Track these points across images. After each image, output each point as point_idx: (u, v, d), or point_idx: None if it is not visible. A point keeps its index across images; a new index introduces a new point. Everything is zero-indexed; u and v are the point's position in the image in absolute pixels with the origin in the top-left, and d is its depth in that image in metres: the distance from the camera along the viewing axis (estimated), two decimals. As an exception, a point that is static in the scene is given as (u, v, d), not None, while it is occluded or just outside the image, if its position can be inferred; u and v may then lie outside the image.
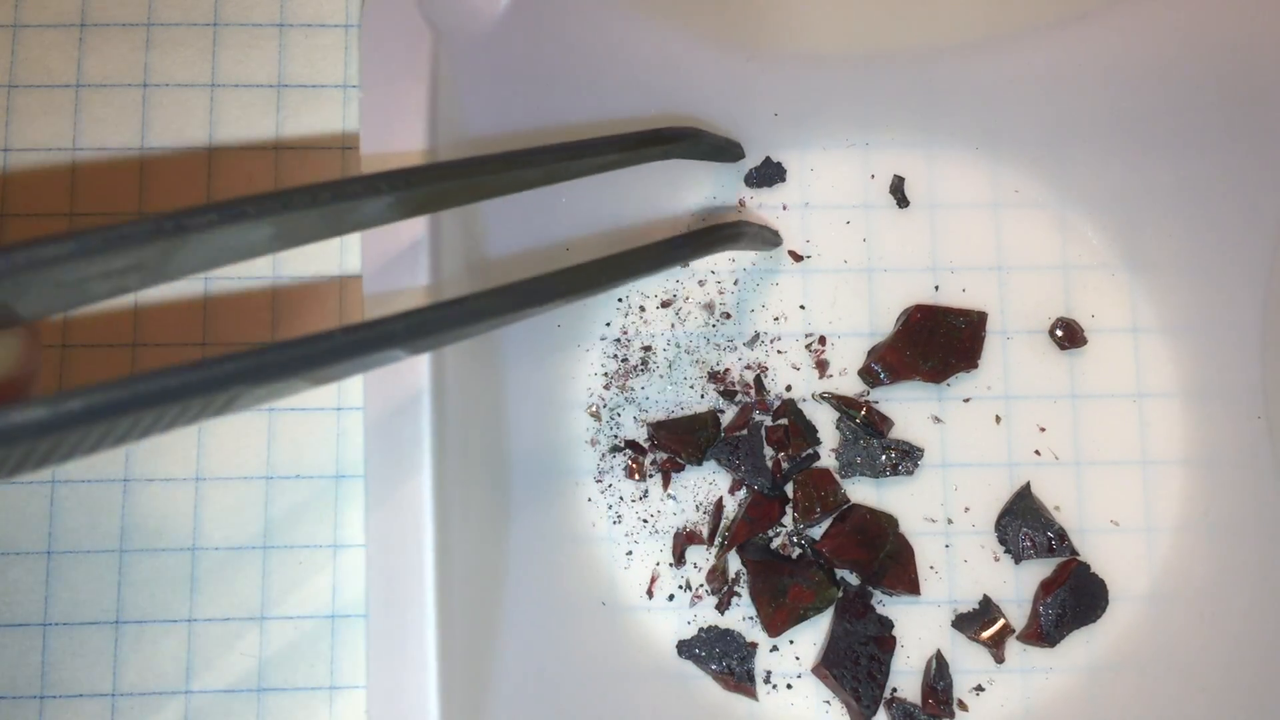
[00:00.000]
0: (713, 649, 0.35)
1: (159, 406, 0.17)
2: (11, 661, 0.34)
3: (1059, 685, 0.35)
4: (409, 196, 0.23)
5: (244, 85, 0.37)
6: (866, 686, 0.34)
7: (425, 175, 0.23)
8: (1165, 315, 0.37)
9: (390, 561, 0.26)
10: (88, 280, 0.18)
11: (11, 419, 0.15)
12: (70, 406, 0.16)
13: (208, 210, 0.18)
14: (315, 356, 0.20)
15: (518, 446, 0.35)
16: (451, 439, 0.28)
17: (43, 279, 0.17)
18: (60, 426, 0.16)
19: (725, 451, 0.35)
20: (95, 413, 0.16)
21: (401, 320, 0.21)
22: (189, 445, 0.35)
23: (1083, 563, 0.35)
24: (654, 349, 0.37)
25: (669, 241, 0.29)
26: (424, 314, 0.22)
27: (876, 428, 0.36)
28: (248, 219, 0.19)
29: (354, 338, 0.20)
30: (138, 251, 0.18)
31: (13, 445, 0.16)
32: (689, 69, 0.36)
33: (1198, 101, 0.34)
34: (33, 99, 0.37)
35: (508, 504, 0.35)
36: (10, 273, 0.16)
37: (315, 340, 0.20)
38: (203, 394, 0.18)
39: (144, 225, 0.18)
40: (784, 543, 0.35)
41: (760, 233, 0.35)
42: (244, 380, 0.18)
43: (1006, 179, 0.38)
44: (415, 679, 0.26)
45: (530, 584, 0.34)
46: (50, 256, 0.17)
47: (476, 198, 0.25)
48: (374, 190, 0.22)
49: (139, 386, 0.17)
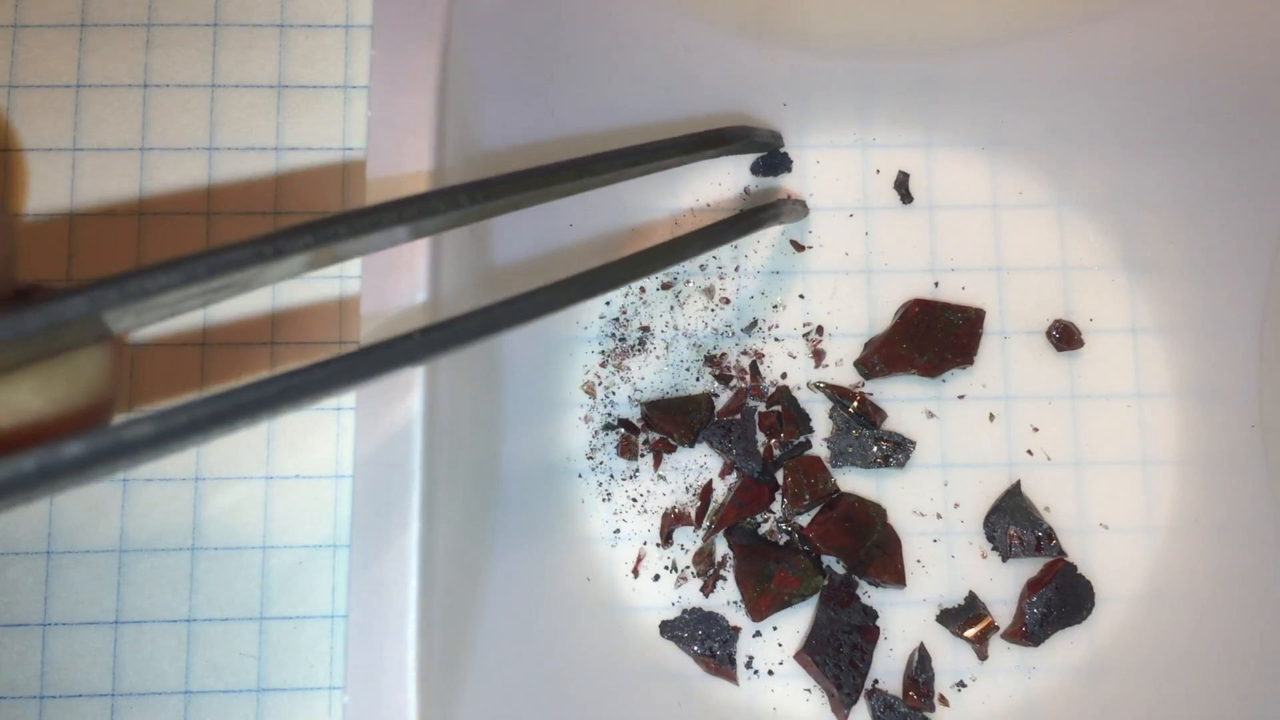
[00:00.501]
0: (695, 631, 0.35)
1: (238, 420, 0.18)
2: (11, 662, 0.34)
3: (1043, 685, 0.35)
4: (485, 208, 0.23)
5: (244, 86, 0.37)
6: (848, 675, 0.34)
7: (503, 187, 0.23)
8: (1163, 317, 0.37)
9: (377, 517, 0.27)
10: (184, 300, 0.18)
11: (124, 436, 0.16)
12: (176, 422, 0.17)
13: (304, 233, 0.19)
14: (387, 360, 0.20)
15: (510, 420, 0.36)
16: (442, 407, 0.28)
17: (147, 306, 0.18)
18: (167, 441, 0.17)
19: (718, 435, 0.35)
20: (195, 426, 0.17)
21: (469, 318, 0.22)
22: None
23: (1069, 563, 0.35)
24: (652, 330, 0.37)
25: (716, 226, 0.31)
26: (493, 310, 0.23)
27: (870, 419, 0.36)
28: (339, 240, 0.20)
29: (379, 355, 0.21)
30: (235, 275, 0.18)
31: (130, 460, 0.16)
32: (700, 57, 0.36)
33: (1200, 104, 0.34)
34: (33, 99, 0.37)
35: (498, 474, 0.35)
36: (119, 302, 0.17)
37: (395, 342, 0.20)
38: (269, 409, 0.18)
39: (247, 251, 0.18)
40: (772, 529, 0.36)
41: (796, 208, 0.36)
42: (289, 398, 0.19)
43: (1008, 179, 0.38)
44: (396, 626, 0.26)
45: (516, 556, 0.34)
46: (159, 286, 0.17)
47: (545, 200, 0.26)
48: (454, 203, 0.22)
49: (234, 399, 0.18)
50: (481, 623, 0.32)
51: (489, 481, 0.34)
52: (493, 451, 0.35)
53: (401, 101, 0.29)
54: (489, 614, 0.32)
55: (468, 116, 0.32)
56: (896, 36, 0.36)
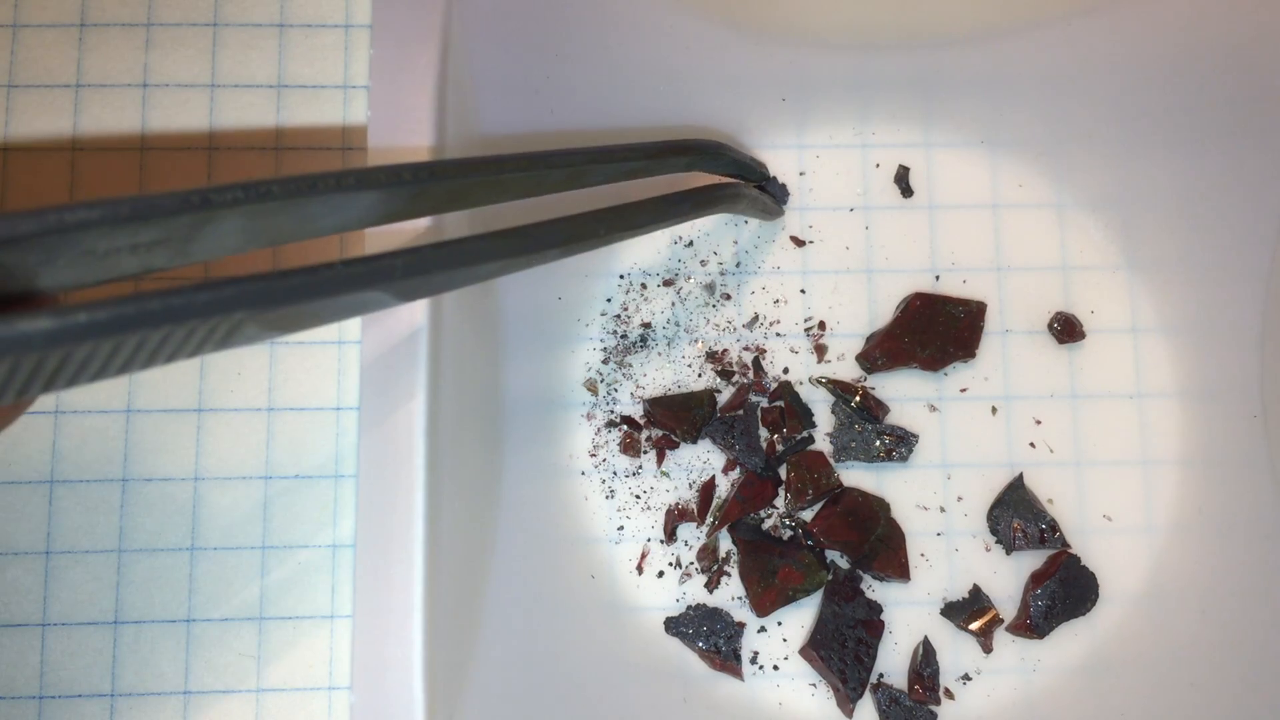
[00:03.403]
0: (700, 627, 0.34)
1: (164, 326, 0.17)
2: (10, 662, 0.34)
3: (1047, 678, 0.35)
4: (431, 189, 0.23)
5: (244, 85, 0.37)
6: (853, 669, 0.34)
7: (448, 169, 0.23)
8: (1164, 313, 0.37)
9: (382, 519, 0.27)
10: (115, 252, 0.18)
11: (16, 328, 0.15)
12: (77, 319, 0.16)
13: (234, 188, 0.19)
14: (317, 285, 0.20)
15: (512, 418, 0.36)
16: (445, 405, 0.28)
17: (70, 244, 0.17)
18: (65, 339, 0.16)
19: (720, 431, 0.35)
20: (101, 327, 0.16)
21: (400, 256, 0.22)
22: (188, 444, 0.35)
23: (1073, 555, 0.35)
24: (654, 326, 0.37)
25: (667, 198, 0.29)
26: (422, 251, 0.22)
27: (872, 413, 0.36)
28: (272, 199, 0.19)
29: (354, 270, 0.21)
30: (164, 224, 0.18)
31: (18, 355, 0.16)
32: (698, 52, 0.36)
33: (1201, 99, 0.34)
34: (32, 99, 0.37)
35: (500, 473, 0.35)
36: (39, 234, 0.16)
37: (317, 270, 0.20)
38: (207, 315, 0.18)
39: (172, 197, 0.18)
40: (775, 524, 0.35)
41: (759, 199, 0.35)
42: (248, 304, 0.18)
43: (1009, 174, 0.38)
44: (400, 624, 0.26)
45: (520, 553, 0.34)
46: (79, 220, 0.17)
47: (498, 198, 0.25)
48: (397, 179, 0.22)
49: (146, 304, 0.17)
50: (486, 621, 0.32)
51: (492, 480, 0.34)
52: (495, 450, 0.35)
53: (401, 100, 0.29)
54: (493, 612, 0.32)
55: (467, 114, 0.32)
56: (896, 31, 0.36)
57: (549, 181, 0.26)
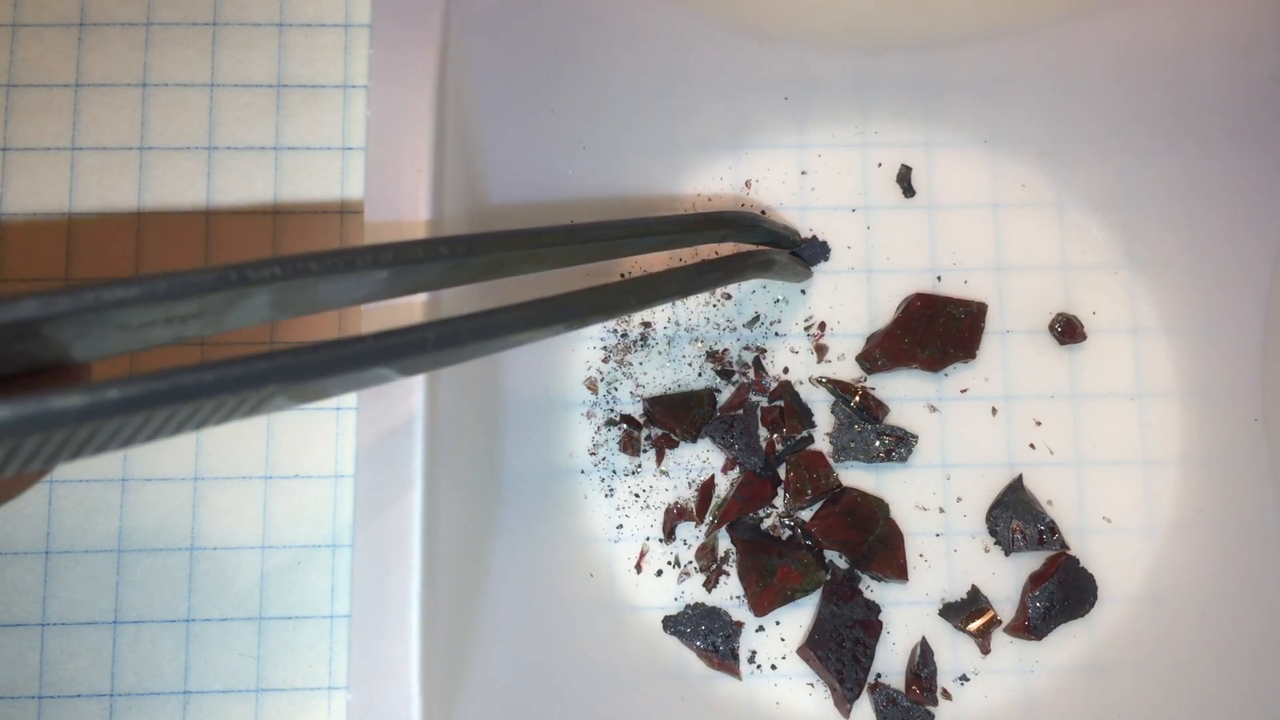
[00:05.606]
0: (698, 626, 0.34)
1: (196, 400, 0.17)
2: (9, 662, 0.34)
3: (1046, 679, 0.35)
4: (469, 263, 0.23)
5: (243, 85, 0.37)
6: (851, 669, 0.34)
7: (486, 243, 0.23)
8: (1166, 314, 0.37)
9: (379, 517, 0.27)
10: (149, 325, 0.18)
11: (49, 405, 0.15)
12: (109, 396, 0.16)
13: (271, 264, 0.19)
14: (349, 359, 0.20)
15: (512, 417, 0.36)
16: (444, 404, 0.28)
17: (105, 321, 0.17)
18: (97, 416, 0.16)
19: (720, 430, 0.35)
20: (133, 404, 0.16)
21: (433, 329, 0.21)
22: (187, 445, 0.35)
23: (1072, 556, 0.35)
24: (654, 326, 0.37)
25: (699, 266, 0.30)
26: (455, 323, 0.22)
27: (872, 413, 0.36)
28: (309, 275, 0.19)
29: (386, 343, 0.20)
30: (200, 300, 0.18)
31: (49, 430, 0.16)
32: (700, 52, 0.36)
33: (1203, 100, 0.34)
34: (32, 99, 0.37)
35: (499, 471, 0.35)
36: (75, 313, 0.16)
37: (348, 344, 0.20)
38: (239, 390, 0.18)
39: (210, 275, 0.18)
40: (774, 524, 0.36)
41: (790, 265, 0.35)
42: (279, 378, 0.18)
43: (1010, 175, 0.38)
44: (397, 623, 0.26)
45: (518, 553, 0.34)
46: (116, 300, 0.17)
47: (533, 269, 0.25)
48: (434, 254, 0.22)
49: (178, 380, 0.17)
50: (484, 619, 0.32)
51: (491, 478, 0.34)
52: (494, 448, 0.35)
53: (401, 100, 0.29)
54: (491, 611, 0.32)
55: (467, 113, 0.32)
56: (898, 31, 0.36)
57: (585, 254, 0.26)
